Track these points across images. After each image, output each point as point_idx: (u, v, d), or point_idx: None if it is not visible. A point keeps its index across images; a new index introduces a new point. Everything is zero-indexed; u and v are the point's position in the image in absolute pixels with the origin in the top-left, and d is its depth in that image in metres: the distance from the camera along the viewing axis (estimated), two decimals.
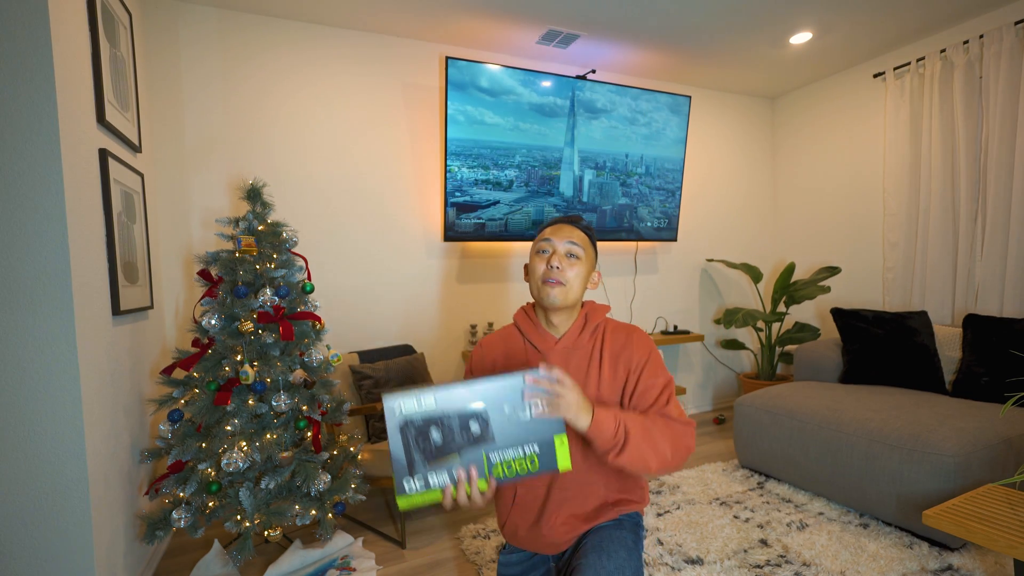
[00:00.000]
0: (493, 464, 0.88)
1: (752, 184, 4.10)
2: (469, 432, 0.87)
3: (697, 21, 2.79)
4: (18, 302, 1.37)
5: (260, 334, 1.91)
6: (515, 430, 0.89)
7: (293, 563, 1.93)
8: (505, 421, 0.88)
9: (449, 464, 0.86)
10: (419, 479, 0.85)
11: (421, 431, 0.85)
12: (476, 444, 0.87)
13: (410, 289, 2.97)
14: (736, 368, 4.10)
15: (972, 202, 2.87)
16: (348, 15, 2.64)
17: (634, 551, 1.10)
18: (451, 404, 0.87)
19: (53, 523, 1.42)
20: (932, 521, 1.51)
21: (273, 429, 1.87)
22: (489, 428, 0.88)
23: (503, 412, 0.88)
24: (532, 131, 2.97)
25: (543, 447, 0.90)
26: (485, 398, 0.88)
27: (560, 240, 1.15)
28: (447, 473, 0.86)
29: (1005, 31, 2.69)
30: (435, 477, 0.86)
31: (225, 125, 2.56)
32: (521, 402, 0.89)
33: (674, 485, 2.56)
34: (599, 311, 1.21)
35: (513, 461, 0.89)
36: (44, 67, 1.38)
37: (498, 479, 0.89)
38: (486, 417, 0.88)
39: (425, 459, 0.85)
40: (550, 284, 1.12)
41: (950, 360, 2.62)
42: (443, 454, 0.86)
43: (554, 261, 1.12)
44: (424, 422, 0.85)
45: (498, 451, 0.88)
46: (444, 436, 0.86)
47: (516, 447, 0.89)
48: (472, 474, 0.87)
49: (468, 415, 0.87)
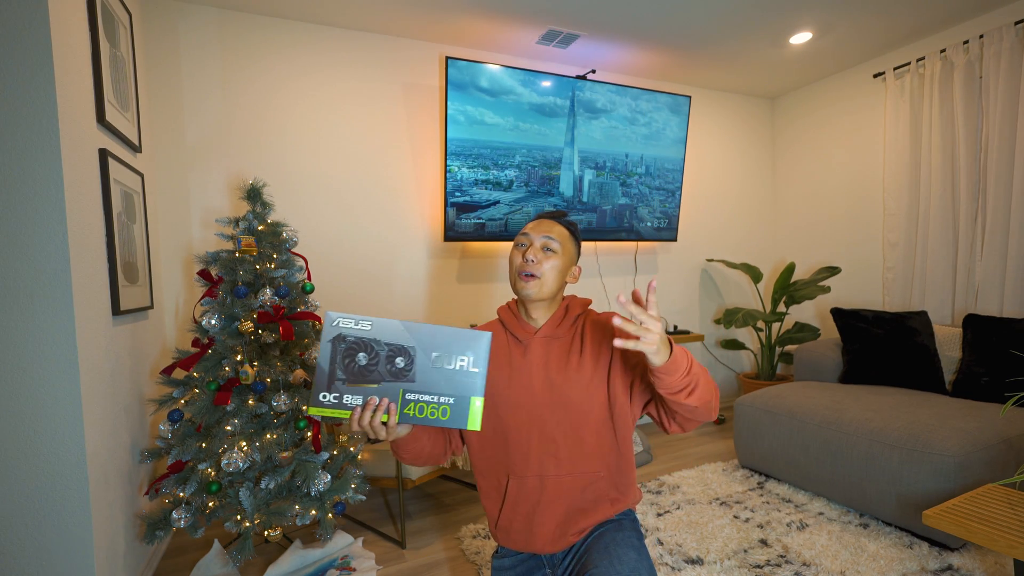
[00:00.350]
0: (407, 402, 0.91)
1: (752, 184, 4.10)
2: (393, 365, 0.90)
3: (697, 21, 2.79)
4: (18, 302, 1.37)
5: (260, 334, 1.91)
6: (436, 377, 0.92)
7: (293, 563, 1.93)
8: (429, 366, 0.92)
9: (366, 390, 0.90)
10: (335, 394, 0.89)
11: (350, 349, 0.89)
12: (396, 379, 0.90)
13: (410, 289, 2.97)
14: (736, 368, 4.10)
15: (972, 202, 2.87)
16: (348, 15, 2.64)
17: (643, 550, 1.09)
18: (384, 334, 0.90)
19: (53, 523, 1.42)
20: (932, 521, 1.51)
21: (273, 429, 1.87)
22: (413, 367, 0.91)
23: (430, 357, 0.92)
24: (532, 131, 2.97)
25: (458, 402, 0.93)
26: (418, 339, 0.91)
27: (537, 234, 1.16)
28: (361, 396, 0.90)
29: (1005, 31, 2.69)
30: (350, 397, 0.89)
31: (225, 125, 2.56)
32: (450, 355, 0.92)
33: (674, 485, 2.56)
34: (579, 303, 1.22)
35: (426, 405, 0.92)
36: (44, 67, 1.38)
37: (407, 417, 0.92)
38: (412, 356, 0.91)
39: (346, 377, 0.89)
40: (524, 277, 1.13)
41: (950, 360, 2.62)
42: (363, 378, 0.89)
43: (529, 254, 1.13)
44: (355, 341, 0.89)
45: (415, 392, 0.91)
46: (369, 361, 0.89)
47: (432, 394, 0.92)
48: (383, 403, 0.90)
49: (396, 349, 0.90)
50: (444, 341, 0.92)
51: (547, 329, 1.17)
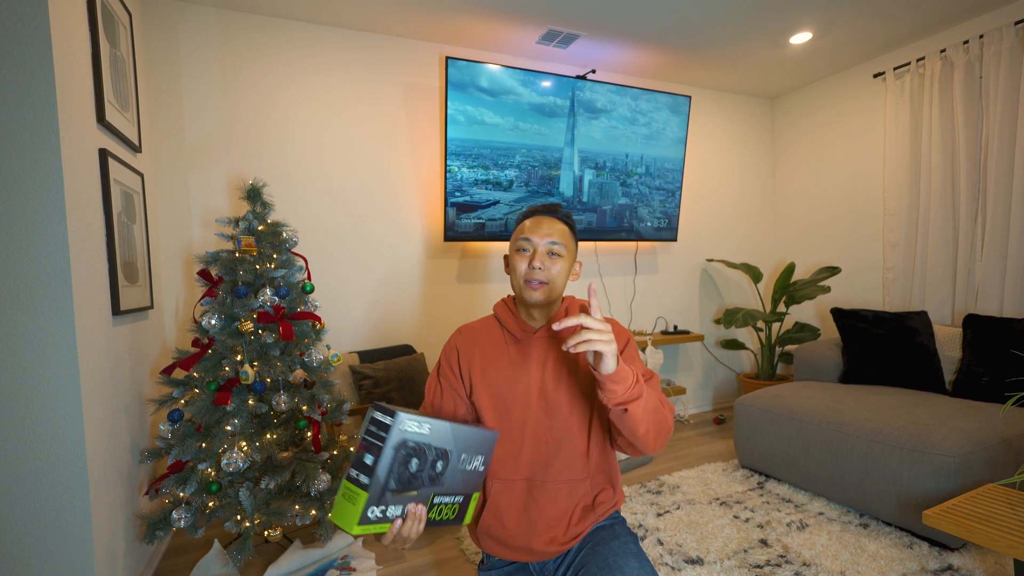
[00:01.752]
0: (433, 506, 0.88)
1: (752, 184, 4.10)
2: (434, 470, 0.86)
3: (697, 21, 2.79)
4: (18, 302, 1.37)
5: (260, 334, 1.91)
6: (457, 479, 0.91)
7: (293, 563, 1.93)
8: (457, 468, 0.90)
9: (407, 498, 0.83)
10: (382, 508, 0.80)
11: (407, 457, 0.81)
12: (432, 484, 0.86)
13: (410, 289, 2.97)
14: (736, 368, 4.10)
15: (972, 202, 2.87)
16: (348, 15, 2.64)
17: (641, 555, 1.06)
18: (436, 438, 0.84)
19: (53, 523, 1.42)
20: (932, 521, 1.51)
21: (273, 429, 1.87)
22: (446, 471, 0.88)
23: (460, 459, 0.90)
24: (532, 131, 2.97)
25: (464, 500, 0.93)
26: (457, 442, 0.88)
27: (541, 239, 1.11)
28: (402, 507, 0.82)
29: (1005, 31, 2.69)
30: (393, 509, 0.81)
31: (225, 125, 2.56)
32: (472, 455, 0.92)
33: (674, 485, 2.56)
34: (578, 305, 1.19)
35: (445, 507, 0.90)
36: (44, 67, 1.38)
37: (430, 521, 0.89)
38: (448, 459, 0.88)
39: (396, 488, 0.80)
40: (533, 286, 1.09)
41: (950, 360, 2.62)
42: (409, 486, 0.82)
43: (536, 261, 1.09)
44: (414, 447, 0.81)
45: (440, 495, 0.88)
46: (419, 468, 0.83)
47: (452, 495, 0.91)
48: (420, 512, 0.85)
49: (440, 453, 0.86)
50: (475, 442, 0.91)
51: (547, 329, 1.15)
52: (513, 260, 1.14)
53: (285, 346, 1.97)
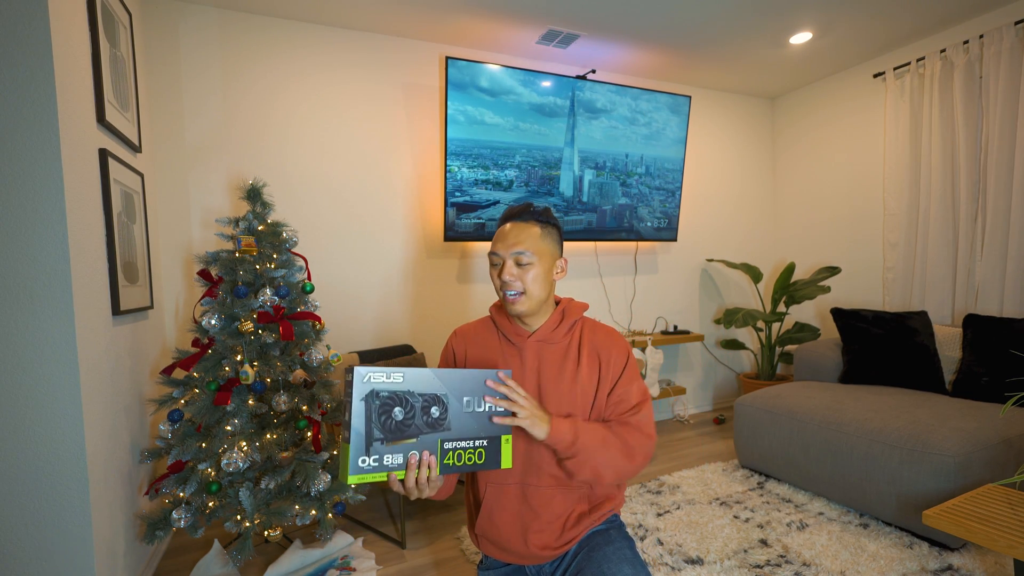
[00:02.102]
0: (445, 451, 0.90)
1: (752, 184, 4.10)
2: (429, 415, 0.88)
3: (697, 21, 2.79)
4: (18, 302, 1.37)
5: (260, 334, 1.91)
6: (470, 422, 0.92)
7: (293, 563, 1.93)
8: (462, 412, 0.91)
9: (406, 446, 0.86)
10: (375, 458, 0.84)
11: (385, 405, 0.85)
12: (433, 429, 0.89)
13: (410, 289, 2.97)
14: (736, 368, 4.10)
15: (972, 202, 2.87)
16: (348, 15, 2.64)
17: (637, 561, 1.06)
18: (417, 384, 0.88)
19: (53, 523, 1.42)
20: (932, 521, 1.51)
21: (273, 429, 1.87)
22: (447, 416, 0.90)
23: (462, 402, 0.91)
24: (532, 131, 2.97)
25: (491, 443, 0.94)
26: (449, 386, 0.90)
27: (506, 250, 1.09)
28: (402, 455, 0.86)
29: (1005, 31, 2.69)
30: (390, 457, 0.85)
31: (225, 125, 2.56)
32: (477, 396, 0.92)
33: (674, 485, 2.56)
34: (577, 308, 1.18)
35: (463, 452, 0.91)
36: (44, 67, 1.38)
37: (447, 467, 0.90)
38: (447, 403, 0.90)
39: (384, 436, 0.84)
40: (510, 299, 1.09)
41: (950, 360, 2.62)
42: (402, 434, 0.86)
43: (505, 275, 1.08)
44: (389, 396, 0.85)
45: (452, 440, 0.90)
46: (405, 415, 0.86)
47: (467, 439, 0.92)
48: (425, 459, 0.87)
49: (430, 399, 0.89)
50: (473, 384, 0.92)
51: (542, 333, 1.14)
52: (491, 274, 1.14)
53: (285, 346, 1.97)
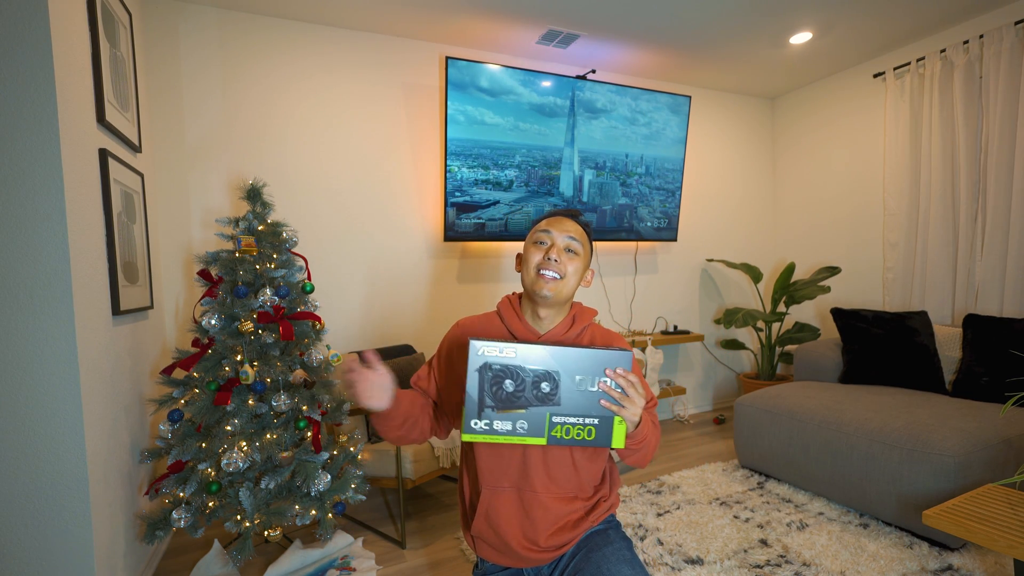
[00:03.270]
0: (554, 424, 0.93)
1: (752, 184, 4.10)
2: (539, 390, 0.92)
3: (697, 21, 2.79)
4: (18, 302, 1.37)
5: (260, 334, 1.91)
6: (581, 399, 0.93)
7: (293, 563, 1.93)
8: (574, 389, 0.93)
9: (515, 415, 0.92)
10: (485, 422, 0.92)
11: (497, 377, 0.91)
12: (543, 403, 0.93)
13: (410, 289, 2.97)
14: (736, 368, 4.10)
15: (972, 202, 2.87)
16: (348, 15, 2.64)
17: (635, 561, 1.06)
18: (529, 360, 0.92)
19: (53, 523, 1.42)
20: (932, 521, 1.51)
21: (273, 429, 1.87)
22: (558, 391, 0.93)
23: (574, 380, 0.93)
24: (532, 131, 2.97)
25: (602, 422, 0.94)
26: (561, 363, 0.92)
27: (560, 233, 1.10)
28: (511, 423, 0.92)
29: (1005, 31, 2.69)
30: (500, 423, 0.92)
31: (225, 125, 2.56)
32: (592, 376, 0.93)
33: (674, 485, 2.56)
34: (587, 313, 1.17)
35: (572, 427, 0.94)
36: (44, 67, 1.38)
37: (554, 439, 0.94)
38: (557, 380, 0.92)
39: (495, 404, 0.92)
40: (545, 278, 1.07)
41: (950, 360, 2.62)
42: (512, 404, 0.92)
43: (552, 253, 1.07)
44: (501, 369, 0.91)
45: (561, 415, 0.93)
46: (516, 387, 0.92)
47: (578, 416, 0.94)
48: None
49: (541, 374, 0.92)
50: (587, 364, 0.93)
51: (552, 336, 1.12)
52: (528, 253, 1.12)
53: (285, 346, 1.97)
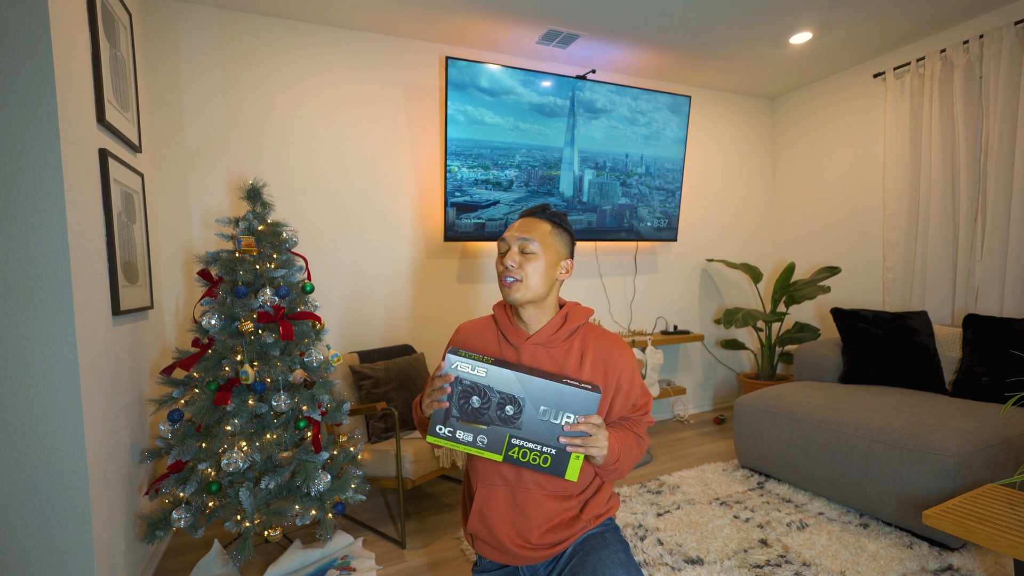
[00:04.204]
0: (512, 446, 0.97)
1: (752, 184, 4.10)
2: (503, 411, 0.96)
3: (697, 21, 2.79)
4: (18, 302, 1.37)
5: (260, 334, 1.91)
6: (541, 428, 0.97)
7: (293, 563, 1.93)
8: (536, 417, 0.96)
9: (476, 429, 0.97)
10: (448, 429, 0.98)
11: (466, 391, 0.96)
12: (504, 424, 0.97)
13: (410, 289, 2.97)
14: (736, 368, 4.10)
15: (972, 202, 2.87)
16: (349, 15, 2.64)
17: (631, 565, 1.06)
18: (498, 383, 0.96)
19: (53, 523, 1.42)
20: (932, 521, 1.51)
21: (273, 429, 1.87)
22: (520, 417, 0.96)
23: (538, 409, 0.96)
24: (532, 131, 2.97)
25: (559, 453, 0.98)
26: (528, 392, 0.96)
27: (513, 237, 1.13)
28: (472, 435, 0.97)
29: (1005, 31, 2.69)
30: (462, 433, 0.97)
31: (225, 125, 2.56)
32: (555, 409, 0.96)
33: (674, 485, 2.56)
34: (581, 313, 1.17)
35: (529, 451, 0.98)
36: (44, 67, 1.38)
37: (510, 458, 0.97)
38: (522, 406, 0.96)
39: (460, 416, 0.97)
40: (506, 283, 1.11)
41: (950, 360, 2.62)
42: (475, 419, 0.97)
43: (508, 260, 1.11)
44: (470, 386, 0.96)
45: (520, 439, 0.97)
46: (481, 404, 0.96)
47: (536, 443, 0.97)
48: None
49: (508, 397, 0.96)
50: (553, 397, 0.95)
51: (541, 336, 1.13)
52: (496, 260, 1.17)
53: (285, 346, 1.97)
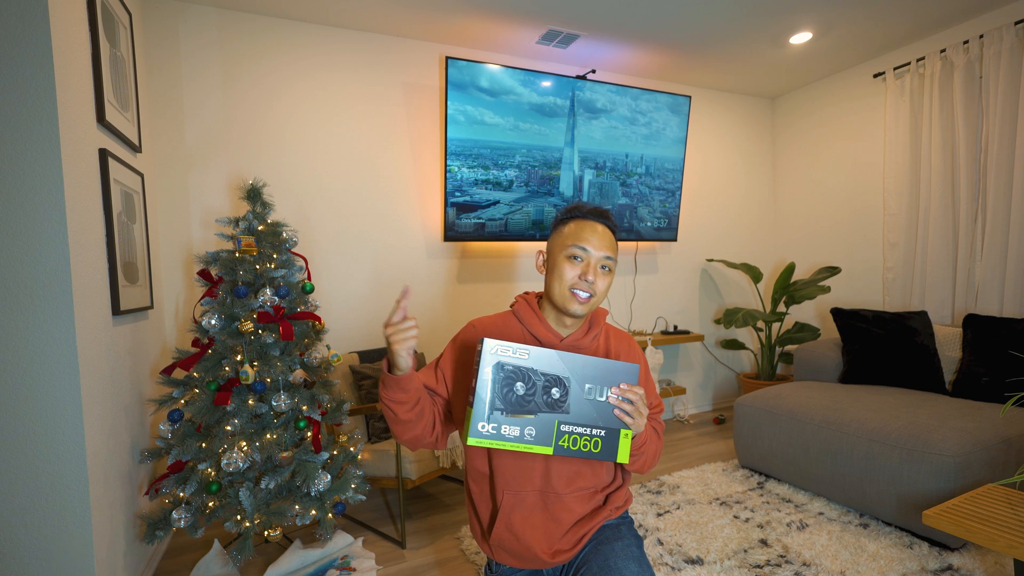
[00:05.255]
0: (562, 434, 0.90)
1: (752, 184, 4.10)
2: (550, 395, 0.90)
3: (697, 21, 2.79)
4: (18, 302, 1.37)
5: (260, 334, 1.91)
6: (589, 409, 0.91)
7: (293, 563, 1.93)
8: (583, 397, 0.91)
9: (523, 420, 0.89)
10: (493, 425, 0.87)
11: (509, 378, 0.88)
12: (552, 410, 0.90)
13: (410, 289, 2.96)
14: (736, 368, 4.10)
15: (972, 202, 2.87)
16: (348, 15, 2.64)
17: (643, 559, 1.06)
18: (542, 363, 0.89)
19: (53, 523, 1.42)
20: (932, 521, 1.51)
21: (273, 429, 1.87)
22: (568, 398, 0.90)
23: (583, 388, 0.91)
24: (532, 131, 2.97)
25: (608, 435, 0.92)
26: (572, 370, 0.90)
27: (597, 250, 1.06)
28: (520, 428, 0.88)
29: (1005, 31, 2.69)
30: (509, 428, 0.88)
31: (225, 125, 2.56)
32: (600, 386, 0.91)
33: (674, 485, 2.56)
34: (601, 314, 1.18)
35: (580, 437, 0.92)
36: (44, 67, 1.38)
37: (560, 448, 0.91)
38: (568, 386, 0.90)
39: (504, 407, 0.88)
40: (578, 298, 1.05)
41: (950, 360, 2.62)
42: (521, 408, 0.88)
43: (589, 275, 1.05)
44: (514, 370, 0.88)
45: (569, 424, 0.91)
46: (527, 391, 0.88)
47: (585, 426, 0.92)
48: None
49: (553, 379, 0.89)
50: (597, 372, 0.91)
51: (574, 339, 1.11)
52: (560, 266, 1.07)
53: (285, 346, 1.97)
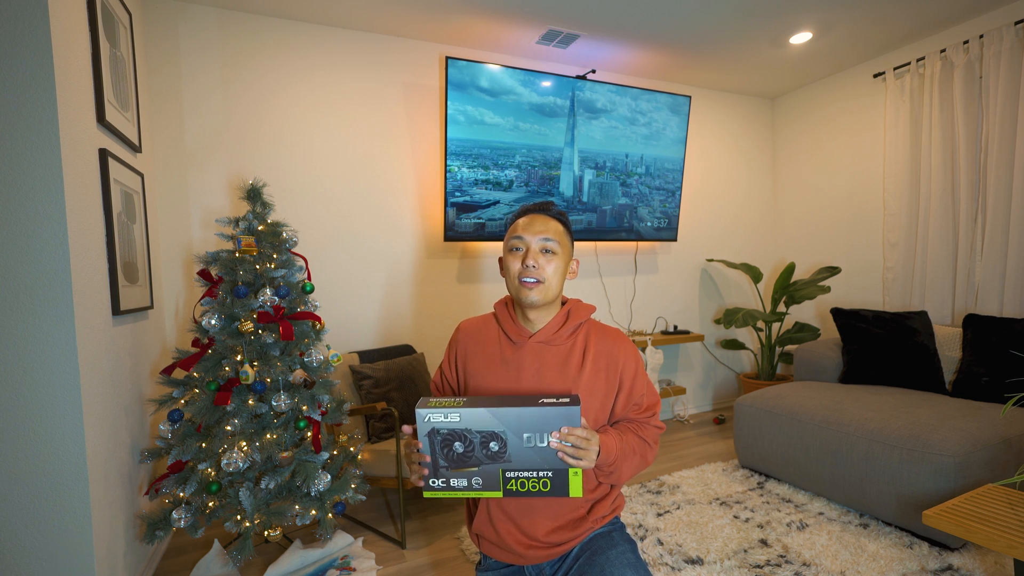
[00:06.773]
0: (508, 479, 0.96)
1: (752, 184, 4.10)
2: (488, 449, 0.95)
3: (697, 21, 2.79)
4: (18, 302, 1.37)
5: (260, 334, 1.91)
6: (531, 455, 0.95)
7: (293, 563, 1.93)
8: (522, 446, 0.94)
9: (468, 472, 0.96)
10: (442, 480, 0.96)
11: (446, 440, 0.94)
12: (493, 461, 0.95)
13: (410, 289, 2.97)
14: (736, 368, 4.10)
15: (972, 202, 2.87)
16: (348, 15, 2.64)
17: (640, 565, 1.06)
18: (474, 423, 0.94)
19: (53, 523, 1.42)
20: (932, 521, 1.51)
21: (273, 429, 1.87)
22: (507, 449, 0.94)
23: (521, 438, 0.94)
24: (532, 131, 2.97)
25: (556, 474, 0.96)
26: (506, 423, 0.93)
27: (533, 236, 1.09)
28: (466, 479, 0.96)
29: (1005, 31, 2.69)
30: (456, 481, 0.96)
31: (225, 125, 2.56)
32: (539, 432, 0.94)
33: (674, 485, 2.56)
34: (583, 310, 1.17)
35: (527, 480, 0.96)
36: (44, 67, 1.38)
37: (510, 492, 0.95)
38: (505, 439, 0.94)
39: (448, 464, 0.95)
40: (528, 285, 1.08)
41: (950, 360, 2.62)
42: (464, 463, 0.95)
43: (529, 260, 1.07)
44: (449, 433, 0.94)
45: (514, 470, 0.96)
46: (466, 449, 0.95)
47: (531, 471, 0.95)
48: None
49: (488, 435, 0.94)
50: (533, 422, 0.93)
51: (544, 335, 1.12)
52: (507, 261, 1.12)
53: (285, 346, 1.97)
